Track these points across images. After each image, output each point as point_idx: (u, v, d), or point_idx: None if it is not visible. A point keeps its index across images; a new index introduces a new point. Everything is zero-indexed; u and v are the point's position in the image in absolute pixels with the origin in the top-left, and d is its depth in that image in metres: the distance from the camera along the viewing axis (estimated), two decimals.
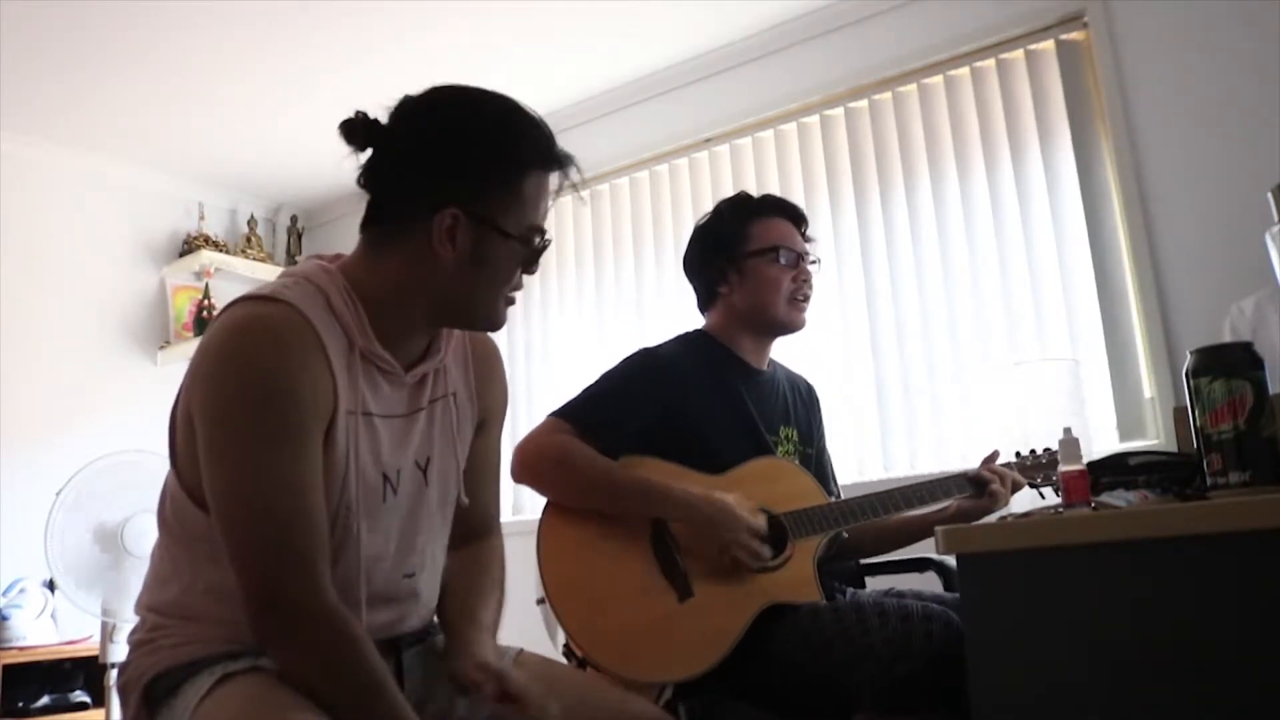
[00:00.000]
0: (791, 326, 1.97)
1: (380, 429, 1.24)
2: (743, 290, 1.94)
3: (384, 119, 1.25)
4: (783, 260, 1.94)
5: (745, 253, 1.94)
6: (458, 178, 1.21)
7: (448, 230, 1.20)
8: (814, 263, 2.00)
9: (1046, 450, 2.01)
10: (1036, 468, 2.00)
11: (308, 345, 1.15)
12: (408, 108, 1.24)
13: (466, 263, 1.21)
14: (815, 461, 2.02)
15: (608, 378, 1.89)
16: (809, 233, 2.03)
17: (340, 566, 1.19)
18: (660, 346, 1.96)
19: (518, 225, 1.24)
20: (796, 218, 2.01)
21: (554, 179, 1.28)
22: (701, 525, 1.70)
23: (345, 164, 1.28)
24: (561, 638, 1.70)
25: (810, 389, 2.12)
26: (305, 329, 1.16)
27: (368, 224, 1.26)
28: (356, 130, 1.24)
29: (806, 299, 1.97)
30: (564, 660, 1.67)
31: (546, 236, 1.28)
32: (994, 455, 2.01)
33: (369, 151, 1.24)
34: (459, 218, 1.20)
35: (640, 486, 1.74)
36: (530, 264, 1.28)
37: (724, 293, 1.97)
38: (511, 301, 1.30)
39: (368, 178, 1.25)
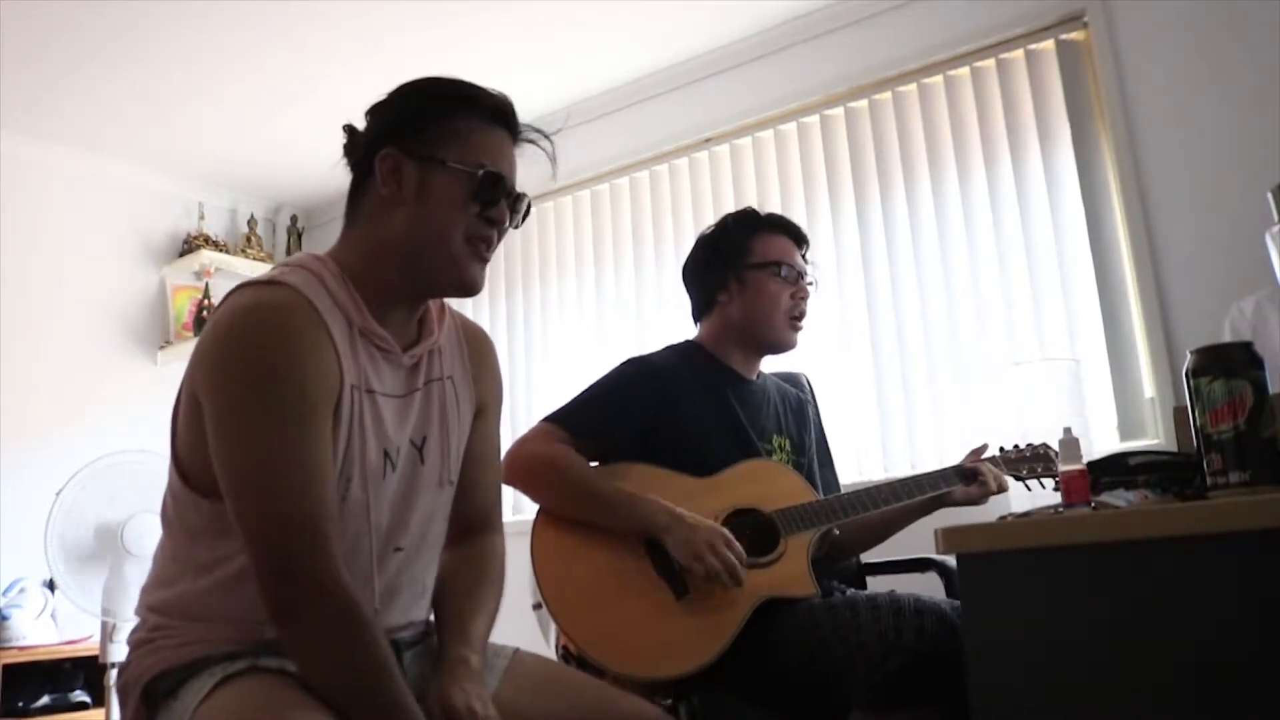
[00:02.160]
0: (784, 346, 2.01)
1: (382, 406, 1.26)
2: (741, 301, 1.97)
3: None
4: (783, 275, 1.97)
5: (747, 264, 1.97)
6: (393, 122, 1.27)
7: (390, 171, 1.25)
8: (811, 283, 2.02)
9: (1030, 445, 2.03)
10: (1021, 460, 2.02)
11: (312, 325, 1.18)
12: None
13: (415, 200, 1.25)
14: (808, 470, 2.03)
15: (600, 384, 1.92)
16: (808, 255, 2.06)
17: (342, 538, 1.19)
18: (651, 354, 1.99)
19: (460, 159, 1.26)
20: (799, 238, 2.04)
21: (514, 146, 1.32)
22: (679, 541, 1.70)
23: (345, 164, 1.33)
24: (556, 638, 1.70)
25: (800, 393, 2.13)
26: (308, 310, 1.18)
27: (346, 210, 1.32)
28: (346, 146, 1.33)
29: (802, 317, 2.00)
30: (560, 662, 1.67)
31: (501, 177, 1.27)
32: (983, 448, 2.04)
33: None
34: (398, 157, 1.25)
35: (630, 500, 1.75)
36: (487, 204, 1.27)
37: (723, 301, 1.99)
38: (482, 257, 1.29)
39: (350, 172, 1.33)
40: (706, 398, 1.92)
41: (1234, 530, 1.09)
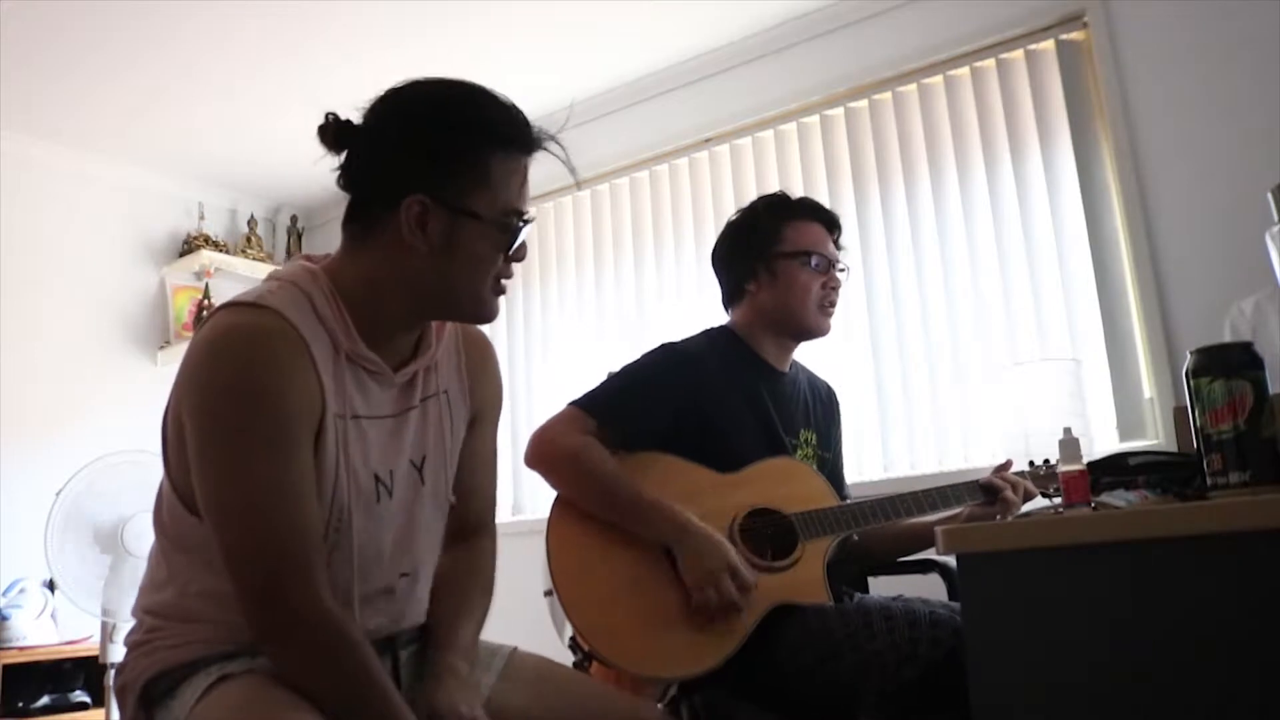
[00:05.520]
0: (817, 332, 1.97)
1: (369, 431, 1.23)
2: (772, 290, 1.94)
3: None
4: (814, 265, 1.93)
5: (778, 253, 1.93)
6: (420, 164, 1.19)
7: (417, 218, 1.18)
8: (843, 270, 1.99)
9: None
10: (1050, 478, 1.97)
11: (293, 351, 1.15)
12: (376, 103, 1.24)
13: (441, 251, 1.19)
14: (832, 465, 2.01)
15: (630, 370, 1.88)
16: (839, 241, 2.02)
17: (335, 568, 1.18)
18: (684, 341, 1.94)
19: (491, 208, 1.21)
20: (831, 224, 2.00)
21: (531, 161, 1.26)
22: (693, 555, 1.67)
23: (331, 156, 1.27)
24: (569, 630, 1.69)
25: (831, 393, 2.11)
26: (291, 335, 1.15)
27: (347, 221, 1.26)
28: (329, 131, 1.23)
29: (834, 305, 1.97)
30: (570, 653, 1.67)
31: (527, 218, 1.24)
32: (1008, 464, 1.99)
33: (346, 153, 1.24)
34: (427, 204, 1.18)
35: (648, 506, 1.72)
36: (513, 249, 1.25)
37: (752, 290, 1.96)
38: (501, 291, 1.26)
39: (344, 177, 1.25)
40: (737, 388, 1.88)
41: (1234, 530, 1.09)
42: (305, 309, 1.18)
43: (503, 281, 1.26)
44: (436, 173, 1.19)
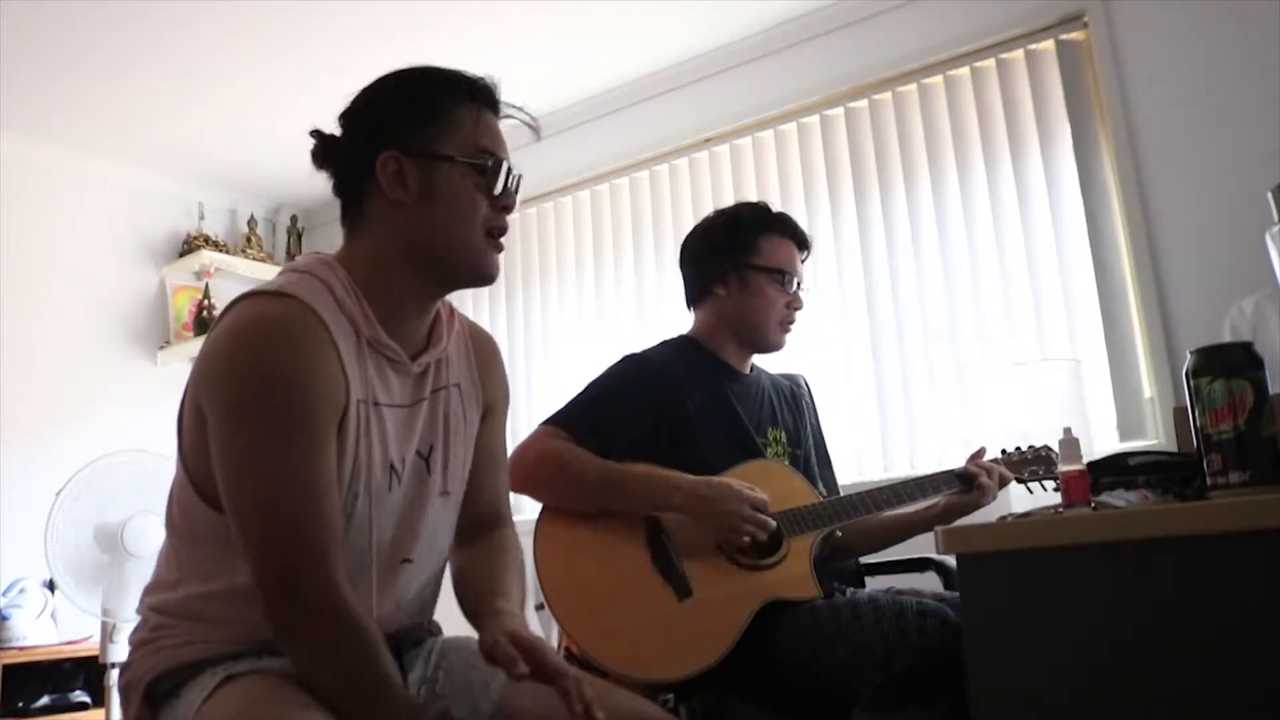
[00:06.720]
0: (773, 347, 2.02)
1: (388, 418, 1.24)
2: (739, 298, 1.97)
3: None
4: (784, 283, 1.97)
5: (751, 264, 1.97)
6: (388, 123, 1.25)
7: (394, 175, 1.23)
8: (805, 291, 2.04)
9: (1031, 446, 2.03)
10: (1023, 463, 2.02)
11: (318, 340, 1.16)
12: (347, 106, 1.31)
13: (424, 200, 1.23)
14: (805, 462, 2.03)
15: (599, 384, 1.91)
16: (806, 261, 2.07)
17: (346, 553, 1.19)
18: (648, 351, 1.99)
19: (461, 149, 1.24)
20: (804, 245, 2.05)
21: (492, 115, 1.30)
22: (704, 507, 1.72)
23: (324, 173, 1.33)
24: (560, 641, 1.70)
25: (795, 389, 2.13)
26: (315, 324, 1.17)
27: (344, 215, 1.30)
28: (319, 153, 1.30)
29: (793, 324, 2.02)
30: None
31: (502, 157, 1.27)
32: (981, 451, 2.04)
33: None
34: (400, 159, 1.23)
35: (642, 477, 1.76)
36: (494, 191, 1.26)
37: (719, 294, 1.99)
38: (499, 247, 1.29)
39: (335, 181, 1.30)
40: (706, 395, 1.91)
41: (1234, 530, 1.09)
42: (326, 297, 1.20)
43: (500, 237, 1.29)
44: (404, 127, 1.24)
